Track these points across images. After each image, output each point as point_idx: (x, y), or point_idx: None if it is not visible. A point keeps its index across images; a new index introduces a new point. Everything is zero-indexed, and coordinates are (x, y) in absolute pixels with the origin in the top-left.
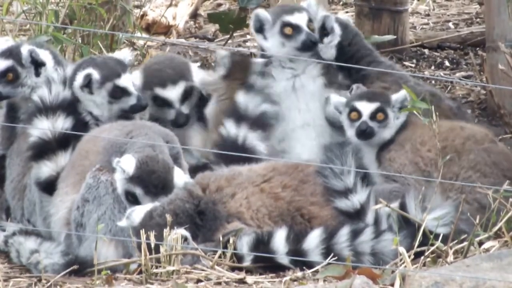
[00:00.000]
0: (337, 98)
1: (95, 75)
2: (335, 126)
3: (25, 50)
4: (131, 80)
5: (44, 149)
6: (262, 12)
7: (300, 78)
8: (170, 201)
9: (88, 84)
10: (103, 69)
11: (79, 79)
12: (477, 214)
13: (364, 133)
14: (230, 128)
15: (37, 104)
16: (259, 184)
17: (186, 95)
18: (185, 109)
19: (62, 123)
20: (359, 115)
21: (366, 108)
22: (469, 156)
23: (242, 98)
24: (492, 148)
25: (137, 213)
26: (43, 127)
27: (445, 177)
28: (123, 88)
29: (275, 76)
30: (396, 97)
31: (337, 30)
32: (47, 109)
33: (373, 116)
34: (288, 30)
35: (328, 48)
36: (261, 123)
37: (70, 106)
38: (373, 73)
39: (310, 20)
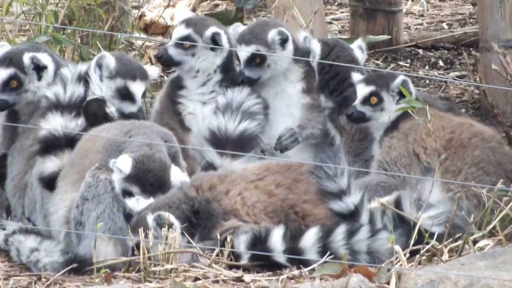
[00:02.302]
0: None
1: (111, 61)
2: None
3: (26, 57)
4: (141, 90)
5: (53, 145)
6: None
7: (281, 84)
8: (165, 196)
9: (100, 67)
10: (122, 64)
11: (96, 57)
12: (475, 210)
13: (351, 118)
14: (215, 159)
15: (51, 100)
16: (253, 181)
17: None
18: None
19: (75, 124)
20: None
21: (360, 91)
22: (474, 152)
23: (219, 120)
24: (498, 148)
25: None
26: (56, 124)
27: (448, 170)
28: (131, 93)
29: (260, 82)
30: (396, 81)
31: (317, 50)
32: (62, 107)
33: (365, 100)
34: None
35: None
36: (243, 144)
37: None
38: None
39: None
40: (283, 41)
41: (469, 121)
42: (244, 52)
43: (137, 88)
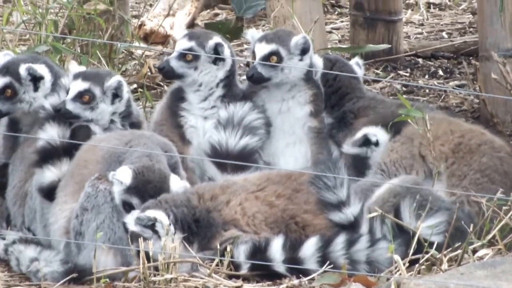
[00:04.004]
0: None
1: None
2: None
3: (22, 68)
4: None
5: (50, 155)
6: None
7: (287, 103)
8: (165, 195)
9: (116, 92)
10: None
11: (113, 82)
12: (476, 216)
13: None
14: (216, 175)
15: (48, 111)
16: (254, 192)
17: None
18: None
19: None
20: None
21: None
22: (482, 158)
23: (220, 136)
24: (507, 158)
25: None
26: (53, 134)
27: (454, 174)
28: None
29: (264, 97)
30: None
31: (319, 64)
32: (60, 117)
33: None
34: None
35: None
36: (244, 160)
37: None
38: (354, 109)
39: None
40: (305, 50)
41: (481, 129)
42: (262, 49)
43: (72, 85)
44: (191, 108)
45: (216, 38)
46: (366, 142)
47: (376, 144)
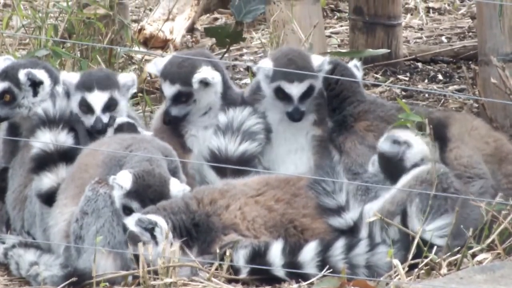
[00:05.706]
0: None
1: (70, 79)
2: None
3: (22, 73)
4: (101, 100)
5: (46, 161)
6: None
7: None
8: (164, 202)
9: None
10: (81, 78)
11: (128, 81)
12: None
13: None
14: (215, 181)
15: (40, 117)
16: (253, 197)
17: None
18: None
19: (65, 137)
20: None
21: None
22: (508, 166)
23: (219, 141)
24: None
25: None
26: (46, 140)
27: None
28: (89, 104)
29: (266, 105)
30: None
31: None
32: (50, 122)
33: None
34: None
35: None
36: (243, 165)
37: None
38: (355, 113)
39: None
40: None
41: (505, 138)
42: (300, 88)
43: (94, 98)
44: (192, 119)
45: (198, 75)
46: (396, 141)
47: (407, 144)
